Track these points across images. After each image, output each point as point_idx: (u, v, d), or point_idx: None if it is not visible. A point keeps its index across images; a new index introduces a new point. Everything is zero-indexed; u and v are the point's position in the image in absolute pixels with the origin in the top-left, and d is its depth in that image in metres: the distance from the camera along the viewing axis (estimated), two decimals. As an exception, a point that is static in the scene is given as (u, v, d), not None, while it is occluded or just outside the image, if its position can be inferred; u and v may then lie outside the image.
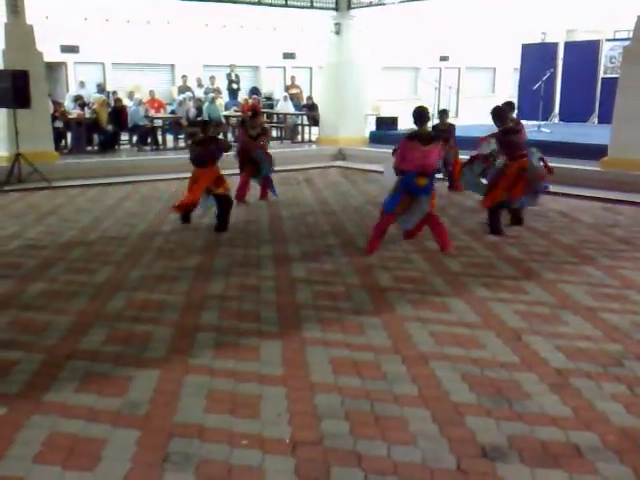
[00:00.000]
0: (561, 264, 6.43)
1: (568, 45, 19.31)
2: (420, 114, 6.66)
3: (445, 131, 10.67)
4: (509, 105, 9.39)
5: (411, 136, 6.68)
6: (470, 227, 8.07)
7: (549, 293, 5.50)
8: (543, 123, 15.51)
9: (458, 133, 11.19)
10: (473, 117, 18.64)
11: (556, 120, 18.58)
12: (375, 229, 6.87)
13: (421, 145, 6.51)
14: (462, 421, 3.38)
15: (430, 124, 8.80)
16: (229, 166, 10.41)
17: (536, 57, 19.00)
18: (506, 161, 7.64)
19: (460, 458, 3.05)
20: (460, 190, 10.76)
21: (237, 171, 9.97)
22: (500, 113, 7.76)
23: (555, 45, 19.57)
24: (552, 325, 4.76)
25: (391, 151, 7.03)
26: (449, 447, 3.14)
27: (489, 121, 7.95)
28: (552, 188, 10.16)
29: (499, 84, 26.23)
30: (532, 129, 15.00)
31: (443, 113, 11.20)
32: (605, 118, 15.36)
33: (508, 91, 22.75)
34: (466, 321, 4.85)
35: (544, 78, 16.06)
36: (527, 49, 19.82)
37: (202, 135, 8.05)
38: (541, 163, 8.89)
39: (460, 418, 3.41)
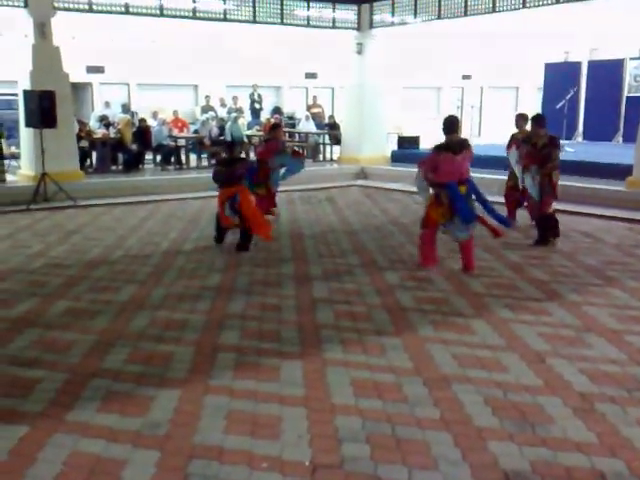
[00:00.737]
0: (585, 285, 6.35)
1: (592, 64, 19.23)
2: (450, 123, 6.75)
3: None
4: (521, 117, 9.37)
5: (442, 147, 6.70)
6: (492, 246, 8.01)
7: (573, 315, 5.43)
8: (567, 142, 15.43)
9: (480, 152, 11.14)
10: (496, 136, 18.59)
11: (580, 139, 18.46)
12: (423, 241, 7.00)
13: (454, 154, 6.56)
14: (484, 446, 3.34)
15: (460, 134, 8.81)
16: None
17: (559, 76, 18.95)
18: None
19: (482, 484, 3.01)
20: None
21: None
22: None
23: (579, 64, 19.51)
24: (576, 348, 4.70)
25: (418, 164, 7.01)
26: (471, 472, 3.10)
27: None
28: (576, 208, 10.15)
29: (522, 103, 26.13)
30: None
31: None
32: (630, 137, 15.23)
33: (531, 110, 22.67)
34: (489, 343, 4.80)
35: (568, 97, 16.02)
36: (550, 68, 19.78)
37: (228, 156, 8.14)
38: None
39: (482, 442, 3.37)
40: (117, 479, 3.05)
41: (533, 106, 22.33)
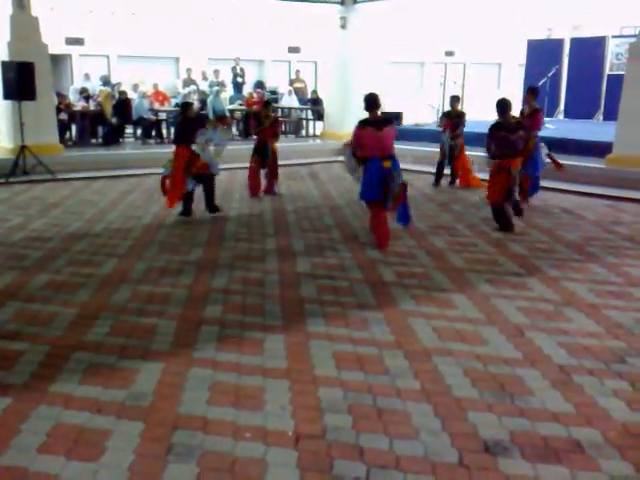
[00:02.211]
0: (565, 261, 6.43)
1: (574, 41, 19.23)
2: (370, 100, 6.85)
3: (457, 117, 10.65)
4: (533, 91, 9.35)
5: (365, 122, 6.85)
6: (474, 223, 8.07)
7: (552, 290, 5.51)
8: (548, 119, 15.46)
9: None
10: (478, 113, 18.61)
11: (561, 116, 18.53)
12: (372, 223, 6.98)
13: (376, 130, 6.66)
14: (464, 416, 3.40)
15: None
16: (236, 160, 10.47)
17: (542, 53, 18.94)
18: (496, 158, 7.62)
19: (462, 452, 3.07)
20: (473, 184, 10.71)
21: (246, 164, 10.06)
22: (499, 105, 7.70)
23: (561, 41, 19.51)
24: (555, 322, 4.77)
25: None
26: (451, 441, 3.16)
27: (493, 116, 7.93)
28: (557, 185, 10.25)
29: (504, 80, 26.16)
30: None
31: (454, 99, 11.11)
32: (610, 115, 15.35)
33: (513, 87, 22.70)
34: (469, 317, 4.86)
35: (549, 74, 16.02)
36: (533, 45, 19.75)
37: (182, 116, 8.42)
38: (547, 160, 8.90)
39: (462, 413, 3.43)
40: (101, 449, 3.07)
41: (515, 83, 22.38)
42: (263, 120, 9.80)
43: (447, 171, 11.03)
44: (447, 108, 11.17)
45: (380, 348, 4.26)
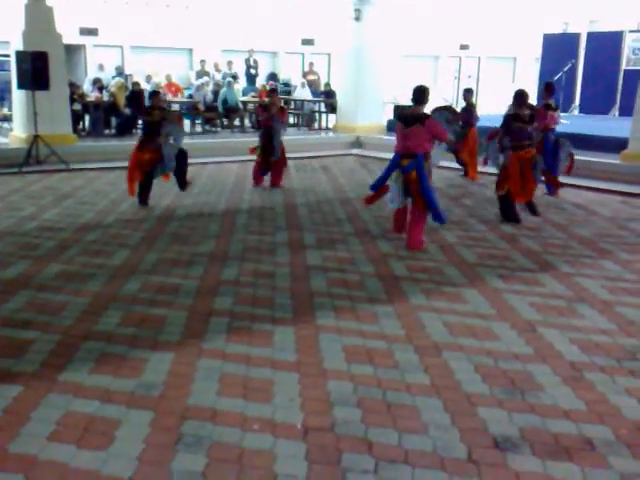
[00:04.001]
0: (578, 257, 6.38)
1: (591, 36, 19.07)
2: (417, 92, 6.51)
3: (467, 110, 10.58)
4: (547, 87, 9.33)
5: (397, 117, 6.69)
6: (487, 218, 8.03)
7: (565, 286, 5.47)
8: (563, 114, 15.36)
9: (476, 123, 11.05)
10: (492, 106, 18.50)
11: (576, 112, 18.39)
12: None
13: (403, 126, 6.49)
14: (474, 411, 3.38)
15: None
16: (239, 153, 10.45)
17: (558, 47, 18.80)
18: (509, 150, 7.57)
19: (471, 448, 3.05)
20: (475, 179, 10.70)
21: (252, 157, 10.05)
22: (518, 96, 7.67)
23: (577, 35, 19.35)
24: (567, 318, 4.74)
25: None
26: (460, 437, 3.15)
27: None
28: (571, 180, 10.15)
29: (519, 74, 25.97)
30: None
31: (468, 92, 11.04)
32: (626, 111, 15.20)
33: (528, 81, 22.54)
34: (480, 312, 4.83)
35: (565, 69, 15.91)
36: (549, 39, 19.61)
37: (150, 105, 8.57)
38: (562, 163, 8.75)
39: (472, 408, 3.41)
40: (111, 438, 3.08)
41: (530, 77, 22.22)
42: (270, 108, 9.80)
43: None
44: (461, 102, 11.06)
45: (390, 342, 4.24)
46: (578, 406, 3.45)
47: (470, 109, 10.68)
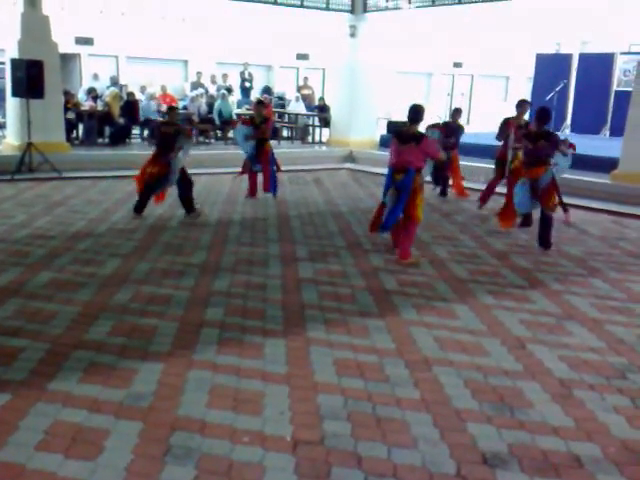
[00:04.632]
0: (568, 275, 6.42)
1: (583, 56, 19.26)
2: (412, 112, 6.61)
3: (453, 130, 10.58)
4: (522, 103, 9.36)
5: (394, 134, 6.95)
6: (478, 234, 8.06)
7: (555, 303, 5.50)
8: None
9: (468, 140, 11.14)
10: (484, 125, 18.62)
11: (567, 131, 18.53)
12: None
13: (399, 144, 6.57)
14: (463, 427, 3.39)
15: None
16: (240, 164, 10.45)
17: (550, 67, 18.96)
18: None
19: (460, 463, 3.06)
20: (465, 195, 10.75)
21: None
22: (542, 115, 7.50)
23: (569, 56, 19.53)
24: (557, 335, 4.76)
25: None
26: (450, 452, 3.15)
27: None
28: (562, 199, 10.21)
29: (512, 93, 26.18)
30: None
31: (456, 112, 11.07)
32: (617, 131, 15.34)
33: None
34: (471, 328, 4.85)
35: (557, 89, 16.05)
36: (541, 59, 19.78)
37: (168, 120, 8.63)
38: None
39: (462, 424, 3.42)
40: (99, 448, 3.06)
41: (523, 96, 22.39)
42: (256, 119, 9.90)
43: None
44: (455, 113, 11.02)
45: (381, 356, 4.25)
46: (567, 423, 3.47)
47: (457, 129, 10.71)
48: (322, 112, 17.43)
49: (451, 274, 6.27)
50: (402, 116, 16.80)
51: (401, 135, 6.67)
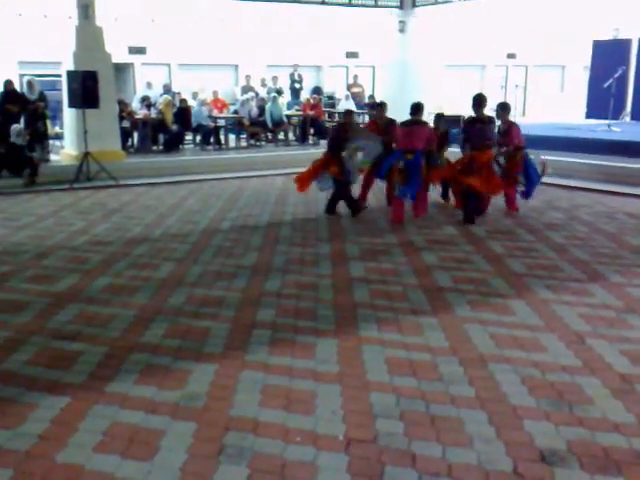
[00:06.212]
0: (629, 267, 6.20)
1: (643, 42, 18.63)
2: (414, 107, 8.63)
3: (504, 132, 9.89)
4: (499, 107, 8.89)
5: (400, 123, 8.65)
6: (535, 227, 7.88)
7: (615, 296, 5.32)
8: (613, 122, 15.02)
9: (525, 131, 10.78)
10: (541, 116, 18.21)
11: (628, 119, 17.95)
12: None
13: (403, 127, 8.41)
14: (520, 424, 3.31)
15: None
16: (291, 165, 10.50)
17: (608, 54, 18.40)
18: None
19: (517, 461, 2.98)
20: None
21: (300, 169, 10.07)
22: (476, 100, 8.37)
23: (629, 41, 18.90)
24: (617, 329, 4.60)
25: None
26: (506, 450, 3.08)
27: (556, 119, 7.75)
28: (622, 189, 9.91)
29: (568, 82, 25.51)
30: (602, 127, 14.56)
31: (502, 108, 9.22)
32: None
33: (577, 89, 22.13)
34: (528, 323, 4.74)
35: (616, 75, 15.54)
36: (598, 46, 19.21)
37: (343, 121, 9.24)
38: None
39: (518, 421, 3.34)
40: (155, 448, 3.11)
41: (580, 85, 21.80)
42: (378, 122, 9.43)
43: None
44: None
45: (434, 354, 4.19)
46: (629, 419, 3.34)
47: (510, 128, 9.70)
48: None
49: (508, 269, 6.14)
50: (455, 110, 16.63)
51: (405, 123, 8.46)
